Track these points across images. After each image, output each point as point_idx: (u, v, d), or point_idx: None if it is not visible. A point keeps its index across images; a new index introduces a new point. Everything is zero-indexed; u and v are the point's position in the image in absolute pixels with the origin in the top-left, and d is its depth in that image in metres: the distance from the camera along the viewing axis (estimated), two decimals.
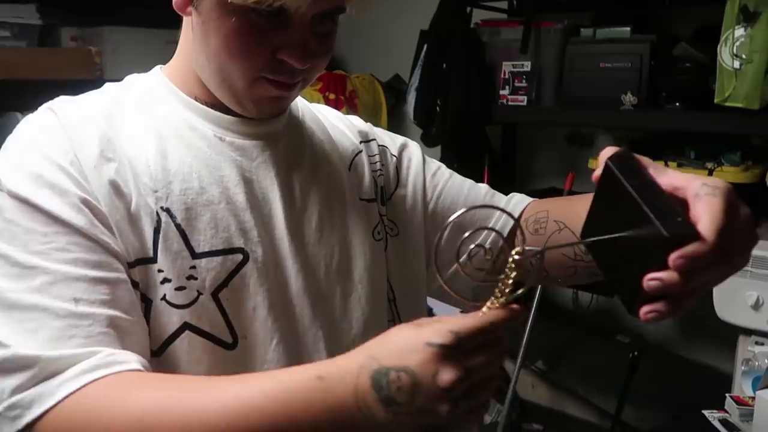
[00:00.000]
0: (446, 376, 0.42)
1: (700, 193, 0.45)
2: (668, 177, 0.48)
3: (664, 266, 0.43)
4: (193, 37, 0.60)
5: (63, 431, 0.48)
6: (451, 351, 0.43)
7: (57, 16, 1.86)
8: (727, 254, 0.44)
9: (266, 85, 0.59)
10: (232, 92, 0.60)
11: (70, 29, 1.87)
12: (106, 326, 0.52)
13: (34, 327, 0.50)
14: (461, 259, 0.47)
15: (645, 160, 0.49)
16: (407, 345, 0.44)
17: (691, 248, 0.42)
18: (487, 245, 0.65)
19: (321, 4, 0.55)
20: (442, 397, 0.43)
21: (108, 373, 0.49)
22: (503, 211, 0.56)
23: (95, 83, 0.64)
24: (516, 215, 0.74)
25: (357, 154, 0.73)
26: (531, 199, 0.77)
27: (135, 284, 0.56)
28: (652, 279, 0.44)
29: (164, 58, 0.66)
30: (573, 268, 0.68)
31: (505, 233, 0.70)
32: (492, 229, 0.61)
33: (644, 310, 0.46)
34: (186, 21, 0.62)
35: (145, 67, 0.67)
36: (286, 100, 0.63)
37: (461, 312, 0.47)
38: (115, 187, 0.56)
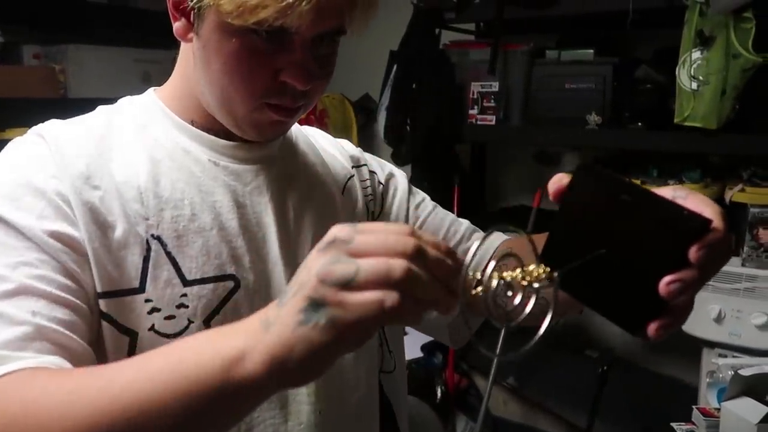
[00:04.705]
0: (321, 262, 0.39)
1: (678, 195, 0.43)
2: None
3: (669, 269, 0.39)
4: (194, 63, 0.59)
5: None
6: (335, 243, 0.40)
7: (19, 33, 1.81)
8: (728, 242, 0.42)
9: (268, 111, 0.58)
10: (233, 117, 0.59)
11: (32, 47, 1.83)
12: (58, 344, 0.50)
13: None
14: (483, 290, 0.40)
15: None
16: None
17: (710, 237, 0.39)
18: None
19: (321, 25, 0.55)
20: (316, 287, 0.38)
21: (30, 367, 0.47)
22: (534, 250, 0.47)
23: (59, 102, 0.63)
24: (490, 253, 0.74)
25: (350, 179, 0.73)
26: (505, 237, 0.78)
27: (104, 315, 0.55)
28: (671, 282, 0.39)
29: (131, 76, 0.65)
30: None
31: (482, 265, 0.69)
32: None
33: (653, 327, 0.40)
34: (186, 47, 0.62)
35: (112, 86, 0.66)
36: (287, 124, 0.63)
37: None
38: (97, 215, 0.55)
